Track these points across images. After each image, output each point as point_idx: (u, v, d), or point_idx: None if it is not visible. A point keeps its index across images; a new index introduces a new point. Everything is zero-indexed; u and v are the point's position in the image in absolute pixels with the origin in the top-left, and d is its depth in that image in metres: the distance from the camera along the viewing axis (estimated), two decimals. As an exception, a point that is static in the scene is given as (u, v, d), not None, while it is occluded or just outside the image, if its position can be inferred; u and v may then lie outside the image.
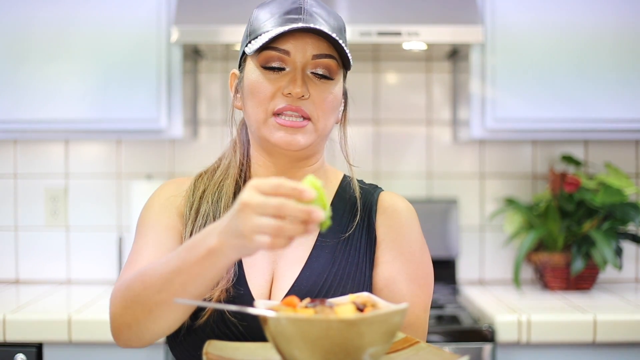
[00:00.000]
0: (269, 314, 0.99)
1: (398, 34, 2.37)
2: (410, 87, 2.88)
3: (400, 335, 1.15)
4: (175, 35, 2.36)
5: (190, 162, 2.83)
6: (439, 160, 2.87)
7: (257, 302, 1.08)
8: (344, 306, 1.03)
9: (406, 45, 2.53)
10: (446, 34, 2.39)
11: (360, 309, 1.04)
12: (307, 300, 1.07)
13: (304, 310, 1.03)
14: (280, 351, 1.02)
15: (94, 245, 2.82)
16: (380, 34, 2.37)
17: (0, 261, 2.82)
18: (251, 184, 0.98)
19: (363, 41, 2.38)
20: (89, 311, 2.27)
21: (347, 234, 1.32)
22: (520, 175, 2.86)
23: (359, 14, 2.42)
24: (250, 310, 1.03)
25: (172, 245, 1.27)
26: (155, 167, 2.83)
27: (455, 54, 2.73)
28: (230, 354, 1.12)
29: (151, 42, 2.49)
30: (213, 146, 2.82)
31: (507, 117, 2.51)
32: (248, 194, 0.97)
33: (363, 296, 1.10)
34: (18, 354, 2.16)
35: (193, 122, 2.77)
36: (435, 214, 2.78)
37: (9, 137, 2.64)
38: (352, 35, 2.37)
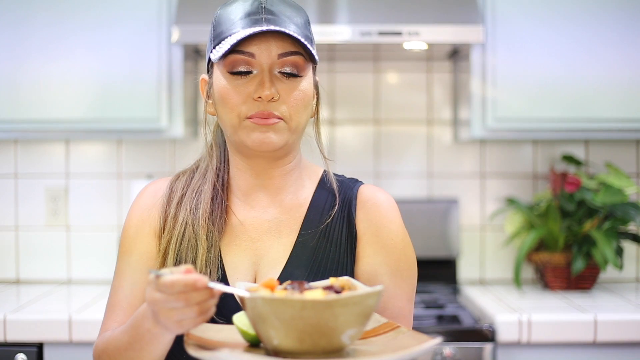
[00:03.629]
0: (245, 294, 1.02)
1: (399, 33, 2.37)
2: (411, 87, 2.88)
3: (382, 320, 1.16)
4: (176, 35, 2.37)
5: (191, 162, 2.82)
6: (440, 160, 2.87)
7: (237, 284, 1.10)
8: (313, 291, 1.05)
9: (407, 45, 2.53)
10: (447, 34, 2.39)
11: (338, 292, 1.05)
12: (287, 282, 1.09)
13: (281, 292, 1.05)
14: (257, 332, 1.04)
15: (95, 245, 2.82)
16: (381, 33, 2.37)
17: (0, 261, 2.83)
18: (150, 282, 1.06)
19: (363, 41, 2.38)
20: (89, 311, 2.27)
21: (325, 223, 1.32)
22: (520, 175, 2.86)
23: (360, 13, 2.42)
24: (230, 289, 1.06)
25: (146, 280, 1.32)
26: (156, 167, 2.83)
27: (456, 53, 2.73)
28: (212, 335, 1.14)
29: (152, 42, 2.49)
30: (214, 146, 2.82)
31: (507, 116, 2.51)
32: (149, 292, 1.06)
33: (342, 279, 1.11)
34: (19, 354, 2.16)
35: (194, 122, 2.77)
36: (436, 213, 2.78)
37: (9, 137, 2.64)
38: (353, 35, 2.37)
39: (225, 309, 1.23)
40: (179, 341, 1.24)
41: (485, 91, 2.51)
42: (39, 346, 2.19)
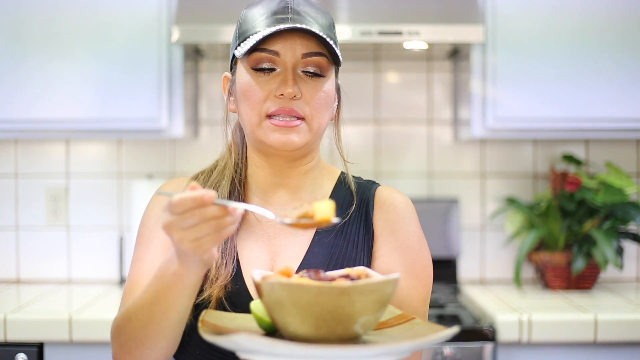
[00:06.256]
0: (263, 279, 1.02)
1: (399, 33, 2.37)
2: (411, 86, 2.88)
3: (397, 312, 1.16)
4: (176, 35, 2.36)
5: (191, 162, 2.83)
6: (440, 160, 2.87)
7: (253, 272, 1.10)
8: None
9: (407, 45, 2.53)
10: (447, 34, 2.39)
11: (353, 280, 1.05)
12: (303, 271, 1.09)
13: (298, 279, 1.05)
14: (274, 319, 1.04)
15: (95, 245, 2.82)
16: (381, 33, 2.37)
17: (1, 261, 2.83)
18: (164, 208, 1.04)
19: (364, 41, 2.38)
20: (89, 311, 2.27)
21: (343, 222, 1.33)
22: (521, 174, 2.86)
23: (360, 13, 2.42)
24: (241, 205, 1.05)
25: None
26: (156, 167, 2.83)
27: (456, 53, 2.73)
28: (227, 323, 1.14)
29: (152, 42, 2.49)
30: (214, 146, 2.83)
31: (507, 116, 2.51)
32: (163, 217, 1.04)
33: (359, 269, 1.11)
34: (19, 354, 2.16)
35: (194, 121, 2.77)
36: (436, 213, 2.78)
37: (9, 137, 2.64)
38: (353, 35, 2.37)
39: (239, 301, 1.24)
40: (190, 339, 1.24)
41: (485, 91, 2.51)
42: (39, 346, 2.19)
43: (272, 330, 1.10)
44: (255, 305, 1.11)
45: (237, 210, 1.03)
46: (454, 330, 1.01)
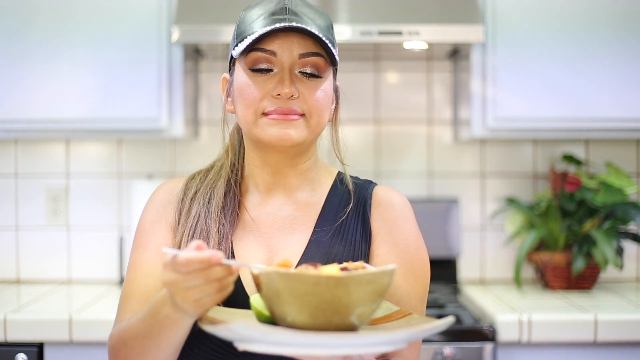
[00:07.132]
0: (261, 269, 1.04)
1: (399, 33, 2.37)
2: (411, 86, 2.88)
3: (394, 308, 1.17)
4: (176, 35, 2.36)
5: (191, 162, 2.83)
6: (440, 160, 2.87)
7: (252, 266, 1.11)
8: (329, 266, 1.06)
9: (407, 45, 2.53)
10: (447, 34, 2.39)
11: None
12: (302, 265, 1.10)
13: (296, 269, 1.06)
14: (272, 310, 1.05)
15: (95, 244, 2.82)
16: (381, 33, 2.37)
17: (1, 261, 2.82)
18: (166, 264, 1.05)
19: (364, 40, 2.38)
20: (89, 311, 2.27)
21: (340, 221, 1.34)
22: (521, 174, 2.86)
23: (360, 13, 2.42)
24: (245, 265, 1.07)
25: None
26: (156, 167, 2.83)
27: (456, 53, 2.73)
28: (226, 317, 1.15)
29: (152, 42, 2.49)
30: (214, 146, 2.81)
31: (507, 116, 2.51)
32: (166, 274, 1.05)
33: (357, 263, 1.13)
34: (19, 354, 2.16)
35: (194, 121, 2.77)
36: (436, 213, 2.78)
37: (9, 137, 2.64)
38: (353, 35, 2.37)
39: (235, 301, 1.24)
40: (187, 339, 1.25)
41: (486, 91, 2.51)
42: (40, 346, 2.19)
43: (271, 324, 1.10)
44: (255, 299, 1.12)
45: (240, 269, 1.04)
46: (449, 320, 1.01)
